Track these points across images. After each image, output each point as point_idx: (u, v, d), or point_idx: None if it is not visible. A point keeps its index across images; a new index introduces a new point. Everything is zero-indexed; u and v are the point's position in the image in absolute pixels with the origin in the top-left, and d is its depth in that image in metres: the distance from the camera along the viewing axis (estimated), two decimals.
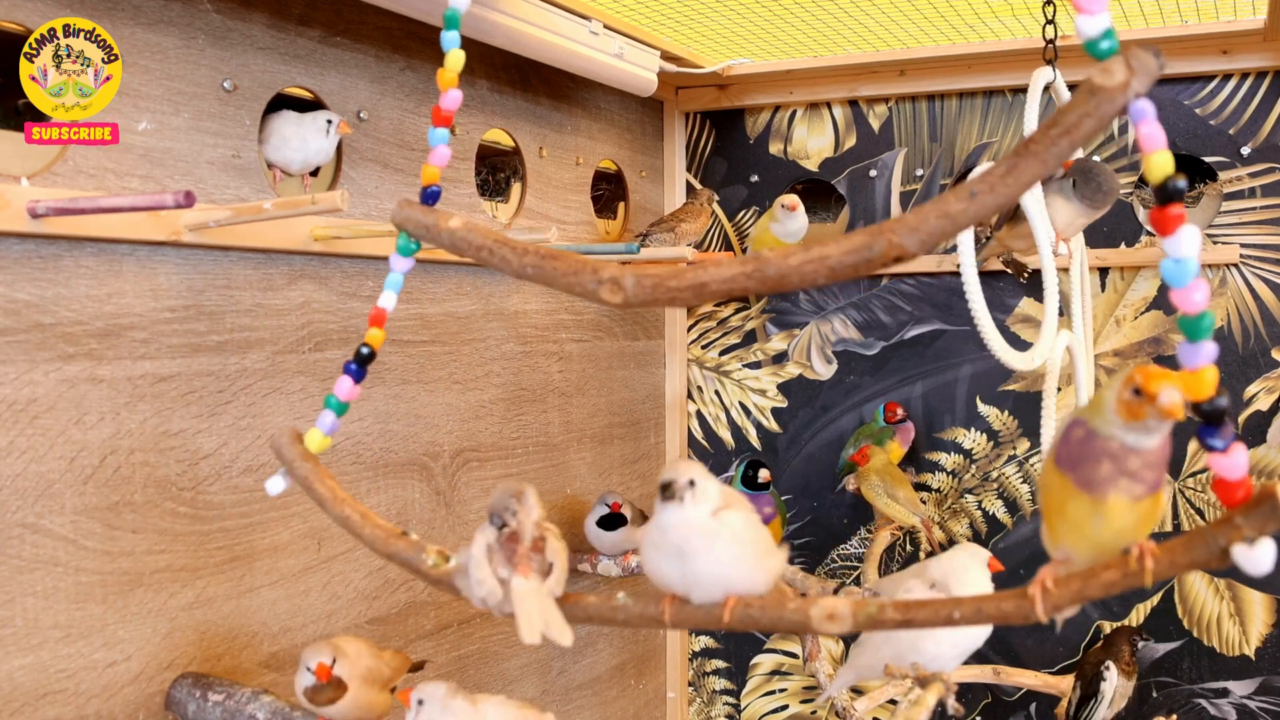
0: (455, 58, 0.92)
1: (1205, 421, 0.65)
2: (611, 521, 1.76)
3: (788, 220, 1.94)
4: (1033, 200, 1.43)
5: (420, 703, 1.00)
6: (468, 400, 1.62)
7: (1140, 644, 1.80)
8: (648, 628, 0.82)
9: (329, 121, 1.30)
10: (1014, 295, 1.98)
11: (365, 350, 0.96)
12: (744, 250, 2.15)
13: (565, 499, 1.86)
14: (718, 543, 0.80)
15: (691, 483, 0.80)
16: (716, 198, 2.00)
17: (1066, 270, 1.94)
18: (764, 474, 1.93)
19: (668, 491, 0.80)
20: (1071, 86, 1.90)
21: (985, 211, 0.65)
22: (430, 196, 0.94)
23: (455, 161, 1.59)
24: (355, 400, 1.41)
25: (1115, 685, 1.71)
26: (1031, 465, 1.99)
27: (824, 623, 0.77)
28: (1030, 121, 1.45)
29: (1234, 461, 0.65)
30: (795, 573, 1.70)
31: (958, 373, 2.03)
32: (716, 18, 1.76)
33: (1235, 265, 1.83)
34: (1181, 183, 0.63)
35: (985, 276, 1.99)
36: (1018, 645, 1.99)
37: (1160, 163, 0.62)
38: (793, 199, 1.94)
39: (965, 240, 1.47)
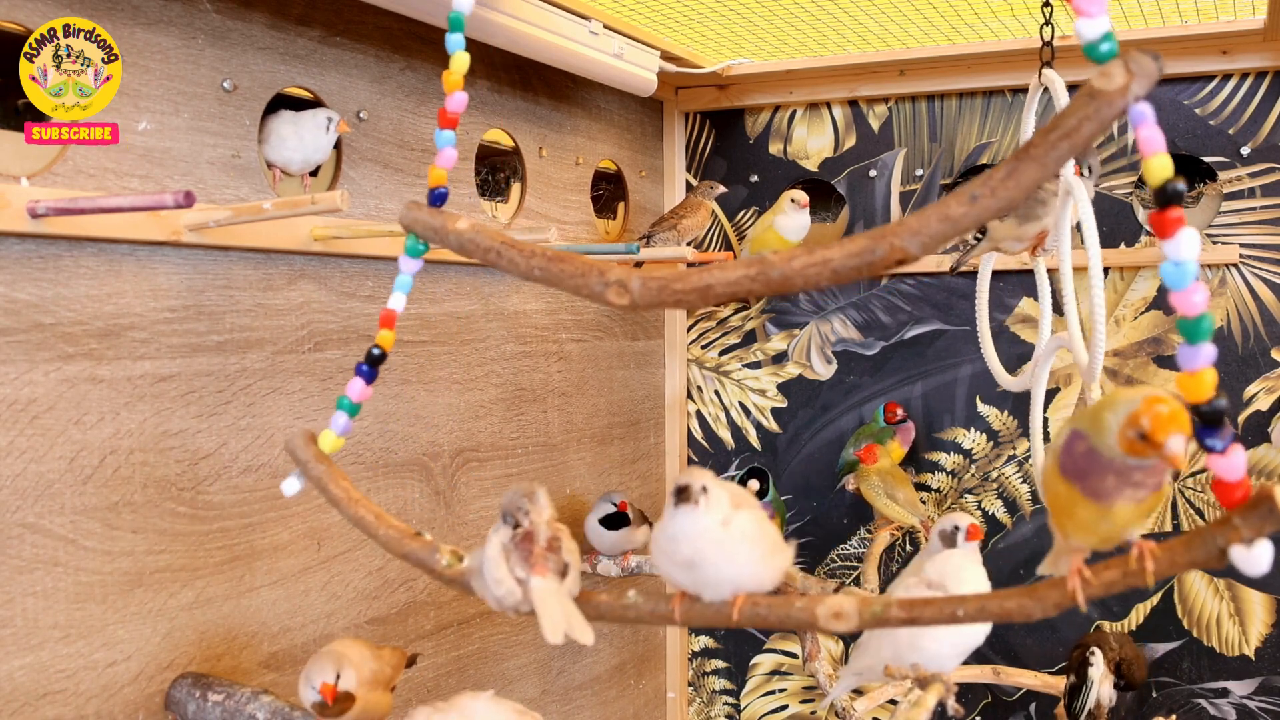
0: (460, 60, 0.93)
1: (1204, 423, 0.66)
2: (615, 521, 1.76)
3: (796, 215, 1.94)
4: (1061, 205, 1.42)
5: None
6: (468, 400, 1.62)
7: (1121, 685, 1.77)
8: (658, 624, 0.86)
9: (329, 119, 1.30)
10: (1014, 295, 1.98)
11: (376, 351, 0.97)
12: (743, 249, 2.15)
13: (565, 499, 1.86)
14: (728, 549, 0.82)
15: (704, 489, 0.82)
16: (722, 188, 1.99)
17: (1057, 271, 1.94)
18: (752, 484, 1.94)
19: (683, 494, 0.82)
20: (1072, 88, 1.90)
21: (986, 215, 0.65)
22: (437, 198, 0.95)
23: (455, 161, 1.59)
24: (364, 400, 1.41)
25: (1103, 670, 1.71)
26: (1031, 465, 1.99)
27: (830, 621, 0.79)
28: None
29: (1233, 463, 0.66)
30: (795, 573, 1.70)
31: (958, 373, 2.03)
32: (716, 18, 1.76)
33: (1235, 265, 1.83)
34: (1181, 185, 0.64)
35: None
36: (1018, 645, 1.99)
37: (1159, 166, 0.63)
38: (803, 195, 1.94)
39: (982, 289, 1.53)
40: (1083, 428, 0.72)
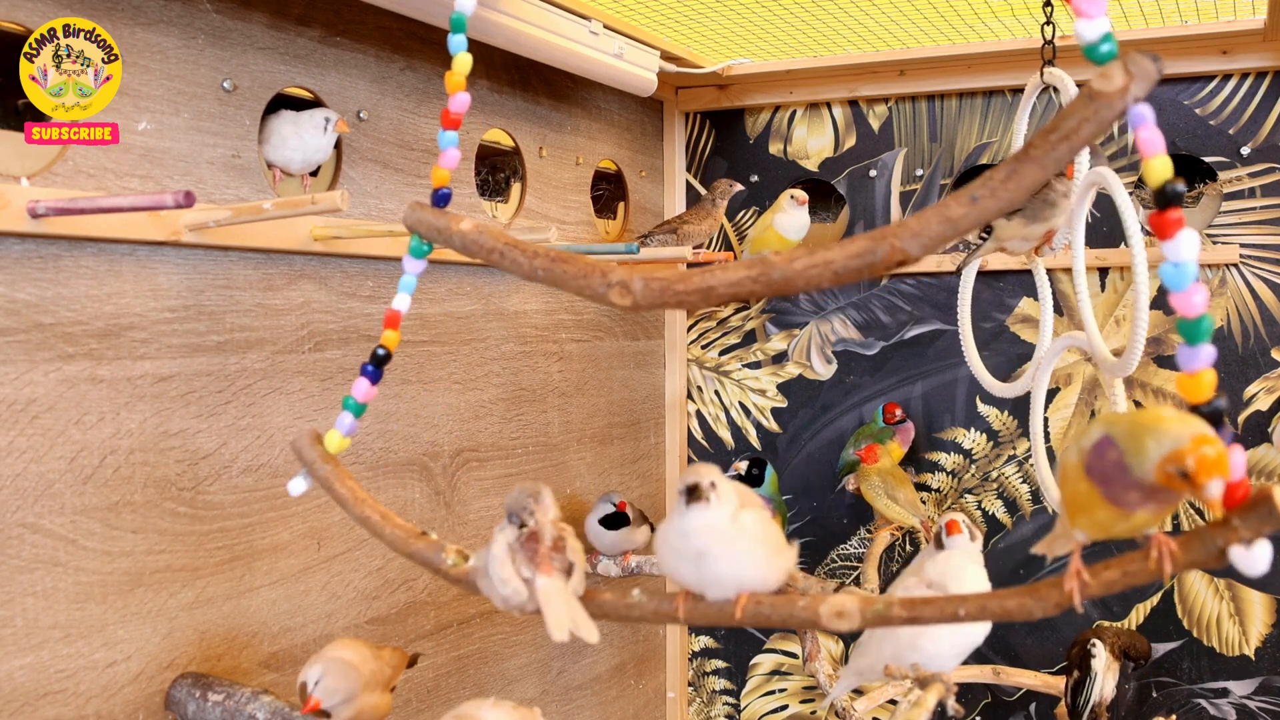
0: (462, 61, 0.93)
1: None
2: (615, 521, 1.76)
3: (795, 213, 1.94)
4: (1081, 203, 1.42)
5: None
6: (468, 400, 1.62)
7: (1132, 668, 1.78)
8: (661, 623, 0.89)
9: (326, 120, 1.30)
10: (1014, 295, 1.98)
11: (381, 352, 0.98)
12: (743, 250, 2.15)
13: (565, 499, 1.86)
14: (736, 545, 0.82)
15: (713, 484, 0.82)
16: (739, 186, 1.97)
17: (1067, 270, 1.94)
18: (738, 464, 1.97)
19: (695, 494, 0.82)
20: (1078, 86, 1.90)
21: (987, 216, 0.66)
22: (441, 199, 0.95)
23: (458, 161, 1.59)
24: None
25: (1105, 661, 1.71)
26: (1031, 466, 1.98)
27: (833, 620, 0.79)
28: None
29: (1232, 463, 0.65)
30: (796, 574, 1.70)
31: (957, 373, 2.03)
32: (716, 18, 1.76)
33: (1235, 265, 1.83)
34: (1180, 186, 0.64)
35: (986, 276, 1.99)
36: (1018, 645, 1.99)
37: (1159, 167, 0.63)
38: (802, 193, 1.94)
39: (964, 297, 1.55)
40: (1117, 438, 0.70)
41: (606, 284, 0.78)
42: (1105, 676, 1.72)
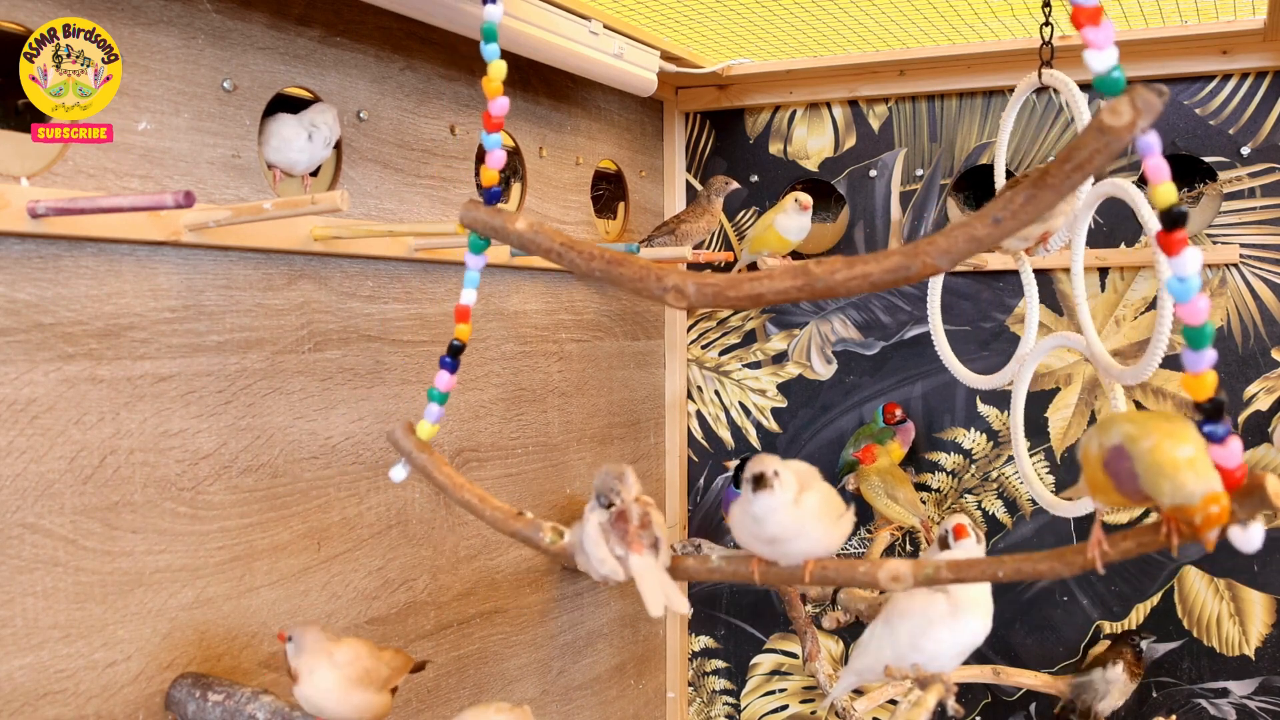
0: (498, 68, 0.99)
1: (1206, 417, 0.75)
2: None
3: (797, 216, 1.93)
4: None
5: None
6: (468, 400, 1.62)
7: (1142, 644, 1.81)
8: (740, 582, 1.03)
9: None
10: (1014, 295, 1.98)
11: (457, 344, 1.06)
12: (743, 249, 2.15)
13: (565, 499, 1.86)
14: (800, 525, 0.94)
15: (776, 473, 0.93)
16: (735, 184, 1.97)
17: (1067, 270, 1.94)
18: (731, 462, 1.97)
19: (760, 482, 0.92)
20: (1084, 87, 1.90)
21: (1006, 235, 0.73)
22: (492, 197, 1.00)
23: (455, 162, 1.59)
24: (360, 399, 1.41)
25: (1121, 683, 1.74)
26: (1015, 465, 1.98)
27: (889, 582, 0.91)
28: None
29: (1230, 451, 0.74)
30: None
31: None
32: (716, 18, 1.76)
33: (1235, 265, 1.83)
34: (1185, 209, 0.70)
35: (986, 276, 1.99)
36: (1018, 645, 1.99)
37: (1165, 193, 0.70)
38: (807, 198, 1.94)
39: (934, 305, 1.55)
40: (1134, 458, 0.77)
41: (662, 287, 0.84)
42: (1112, 690, 1.75)
